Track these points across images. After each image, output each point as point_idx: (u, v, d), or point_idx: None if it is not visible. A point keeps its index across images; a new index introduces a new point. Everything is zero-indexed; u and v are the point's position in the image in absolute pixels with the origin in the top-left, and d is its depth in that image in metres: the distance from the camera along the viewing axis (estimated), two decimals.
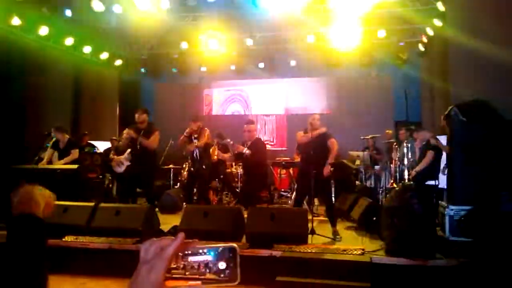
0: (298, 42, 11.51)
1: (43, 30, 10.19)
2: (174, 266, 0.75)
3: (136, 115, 6.98)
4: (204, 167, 7.25)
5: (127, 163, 8.17)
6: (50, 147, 7.89)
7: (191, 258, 0.75)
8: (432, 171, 6.91)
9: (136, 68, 13.24)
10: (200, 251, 0.75)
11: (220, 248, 0.74)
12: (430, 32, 10.23)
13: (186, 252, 0.75)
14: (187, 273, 0.74)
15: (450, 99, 7.24)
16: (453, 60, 7.42)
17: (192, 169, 7.28)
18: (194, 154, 7.19)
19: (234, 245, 0.75)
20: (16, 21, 9.62)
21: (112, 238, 5.58)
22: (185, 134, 7.15)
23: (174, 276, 0.74)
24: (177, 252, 0.74)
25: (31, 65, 10.38)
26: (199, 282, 0.74)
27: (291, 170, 9.95)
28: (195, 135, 7.23)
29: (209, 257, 0.74)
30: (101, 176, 9.39)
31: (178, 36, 11.64)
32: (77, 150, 7.69)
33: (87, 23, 10.57)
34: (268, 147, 11.38)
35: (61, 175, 7.42)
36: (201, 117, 7.91)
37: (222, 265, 0.73)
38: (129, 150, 8.05)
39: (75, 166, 7.26)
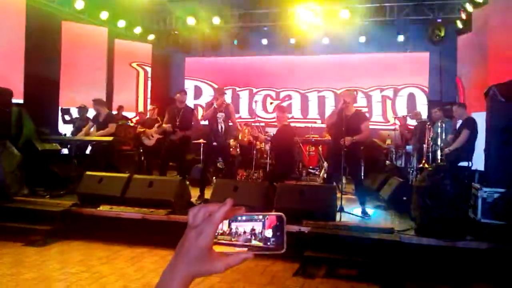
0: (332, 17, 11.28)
1: (79, 4, 10.35)
2: (221, 232, 0.74)
3: (178, 95, 7.16)
4: (227, 141, 7.23)
5: (156, 136, 8.35)
6: (90, 120, 8.12)
7: (238, 225, 0.74)
8: (465, 152, 6.74)
9: (168, 42, 13.32)
10: (247, 218, 0.74)
11: (267, 216, 0.73)
12: (470, 8, 9.83)
13: (233, 219, 0.74)
14: (233, 239, 0.73)
15: (489, 78, 7.01)
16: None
17: (214, 143, 7.05)
18: (219, 128, 6.93)
19: (282, 214, 0.73)
20: None
21: (145, 208, 5.73)
22: (215, 105, 6.88)
23: (220, 241, 0.73)
24: (225, 218, 0.73)
25: (66, 38, 10.57)
26: (245, 249, 0.72)
27: (320, 148, 9.91)
28: (221, 109, 6.94)
29: (256, 225, 0.73)
30: (134, 149, 9.59)
31: (211, 11, 11.60)
32: (114, 125, 7.89)
33: None
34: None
35: (96, 146, 7.65)
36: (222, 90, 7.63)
37: (268, 233, 0.72)
38: (157, 124, 8.21)
39: (110, 138, 7.43)
